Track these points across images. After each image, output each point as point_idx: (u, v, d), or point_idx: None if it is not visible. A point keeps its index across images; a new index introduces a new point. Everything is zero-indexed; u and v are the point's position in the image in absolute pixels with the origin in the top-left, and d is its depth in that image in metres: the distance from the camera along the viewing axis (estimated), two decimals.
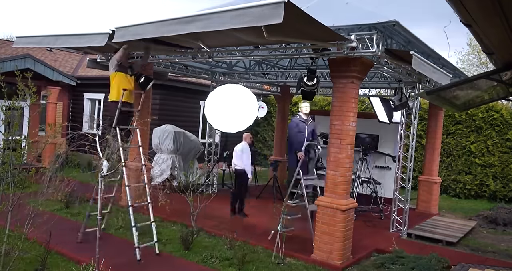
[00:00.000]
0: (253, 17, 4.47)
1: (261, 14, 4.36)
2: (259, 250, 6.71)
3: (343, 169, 6.24)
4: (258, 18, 4.45)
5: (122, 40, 6.08)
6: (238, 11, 4.56)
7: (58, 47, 7.52)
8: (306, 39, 5.82)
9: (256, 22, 4.52)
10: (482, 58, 23.28)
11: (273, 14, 4.22)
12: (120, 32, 5.93)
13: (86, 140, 5.53)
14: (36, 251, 5.53)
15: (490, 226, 9.64)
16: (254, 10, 4.43)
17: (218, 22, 4.79)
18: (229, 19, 4.66)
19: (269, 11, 4.25)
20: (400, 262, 6.27)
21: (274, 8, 4.22)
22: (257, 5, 4.38)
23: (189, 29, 5.10)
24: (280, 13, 4.18)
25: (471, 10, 2.23)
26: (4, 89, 4.33)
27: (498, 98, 6.86)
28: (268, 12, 4.26)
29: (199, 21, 4.91)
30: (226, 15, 4.66)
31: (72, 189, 8.58)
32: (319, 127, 11.43)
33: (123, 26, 5.94)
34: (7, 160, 4.57)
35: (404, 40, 6.86)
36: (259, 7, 4.37)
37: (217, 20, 4.79)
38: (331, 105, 6.43)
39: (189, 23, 5.01)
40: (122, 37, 5.97)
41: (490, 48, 3.22)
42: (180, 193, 6.97)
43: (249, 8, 4.47)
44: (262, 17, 4.38)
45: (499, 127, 12.75)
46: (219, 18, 4.75)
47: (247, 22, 4.60)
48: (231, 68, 10.97)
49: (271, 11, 4.23)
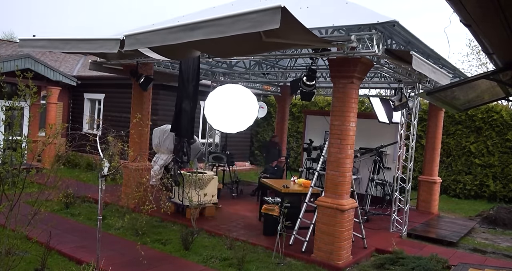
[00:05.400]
0: (252, 23, 4.55)
1: (258, 20, 4.45)
2: (259, 250, 6.71)
3: (343, 169, 6.24)
4: (256, 24, 4.53)
5: (132, 49, 6.09)
6: (237, 17, 4.63)
7: (67, 51, 7.46)
8: (304, 42, 5.84)
9: (254, 28, 4.61)
10: (482, 58, 23.28)
11: (270, 20, 4.32)
12: (129, 41, 5.92)
13: (87, 140, 5.53)
14: (36, 251, 5.54)
15: (490, 226, 9.64)
16: (252, 16, 4.51)
17: (220, 30, 4.89)
18: (230, 25, 4.75)
19: (266, 17, 4.35)
20: (400, 262, 6.27)
21: (271, 14, 4.32)
22: (254, 11, 4.47)
23: (195, 35, 5.17)
24: (277, 19, 4.28)
25: (471, 10, 2.23)
26: (5, 89, 4.33)
27: (498, 99, 6.87)
28: (265, 18, 4.36)
29: (203, 28, 5.00)
30: (228, 22, 4.72)
31: (73, 189, 8.63)
32: (318, 127, 11.47)
33: (132, 34, 5.93)
34: (8, 160, 4.57)
35: (404, 40, 6.87)
36: (256, 13, 4.46)
37: (219, 28, 4.88)
38: (331, 105, 6.43)
39: (194, 30, 5.08)
40: (132, 45, 5.97)
41: (490, 49, 3.23)
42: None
43: (247, 14, 4.54)
44: (259, 22, 4.47)
45: (499, 127, 12.76)
46: (220, 25, 4.83)
47: (246, 28, 4.69)
48: (231, 68, 10.98)
49: (268, 16, 4.33)
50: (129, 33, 5.91)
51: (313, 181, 7.33)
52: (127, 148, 6.45)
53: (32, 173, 4.74)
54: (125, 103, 13.21)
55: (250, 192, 11.12)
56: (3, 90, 4.32)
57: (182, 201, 8.24)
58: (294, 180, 8.65)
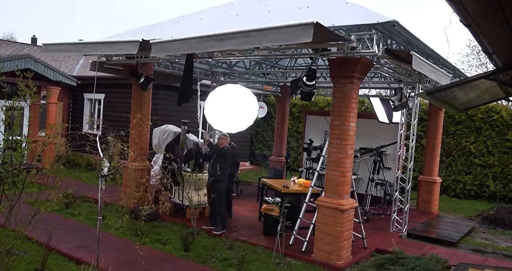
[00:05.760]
0: (285, 36, 4.88)
1: (292, 34, 4.78)
2: (259, 250, 6.71)
3: (343, 169, 6.24)
4: (289, 37, 4.87)
5: (158, 55, 6.21)
6: (269, 30, 4.96)
7: (89, 54, 7.77)
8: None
9: (287, 41, 5.02)
10: (482, 59, 23.26)
11: (304, 34, 4.69)
12: (156, 47, 6.19)
13: (87, 140, 5.53)
14: (36, 251, 5.54)
15: (490, 226, 9.64)
16: (285, 29, 4.84)
17: (252, 41, 5.21)
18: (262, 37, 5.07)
19: (299, 31, 4.72)
20: (400, 262, 6.27)
21: (305, 28, 4.69)
22: (289, 25, 4.80)
23: (225, 45, 5.48)
24: (309, 33, 4.65)
25: (471, 10, 2.23)
26: (5, 89, 4.33)
27: (498, 99, 6.86)
28: (299, 32, 4.72)
29: (234, 39, 5.28)
30: (260, 34, 5.04)
31: (73, 189, 8.63)
32: (318, 127, 11.46)
33: (159, 41, 6.19)
34: (8, 160, 4.57)
35: (404, 40, 6.87)
36: (290, 27, 4.79)
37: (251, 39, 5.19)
38: (331, 105, 6.43)
39: (223, 41, 5.36)
40: (158, 52, 6.26)
41: (489, 49, 3.23)
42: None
43: (282, 28, 4.87)
44: (293, 36, 4.81)
45: (499, 128, 12.75)
46: (252, 37, 5.13)
47: (278, 40, 5.09)
48: (231, 68, 10.97)
49: (302, 31, 4.70)
50: (156, 40, 6.19)
51: (313, 181, 7.33)
52: (127, 148, 6.45)
53: (32, 173, 4.73)
54: (125, 103, 13.20)
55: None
56: (3, 90, 4.32)
57: (182, 201, 8.24)
58: (294, 180, 8.65)
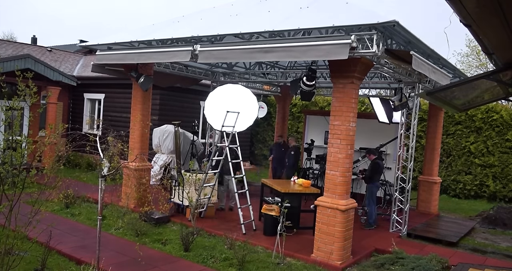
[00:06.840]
0: (323, 52, 5.56)
1: (329, 51, 5.51)
2: (259, 250, 6.71)
3: (343, 169, 6.24)
4: (326, 54, 5.59)
5: (206, 61, 7.14)
6: (310, 47, 5.65)
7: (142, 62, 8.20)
8: None
9: (324, 57, 5.82)
10: (482, 59, 23.25)
11: (341, 52, 5.42)
12: (204, 54, 6.81)
13: (87, 140, 5.53)
14: (36, 251, 5.54)
15: (490, 226, 9.64)
16: (324, 47, 5.54)
17: (292, 55, 5.97)
18: (302, 53, 5.77)
19: (337, 49, 5.45)
20: (400, 262, 6.27)
21: (341, 47, 5.42)
22: (328, 43, 5.54)
23: (268, 57, 6.31)
24: (345, 52, 5.37)
25: (471, 10, 2.23)
26: (5, 89, 4.32)
27: (498, 99, 6.86)
28: (336, 50, 5.45)
29: (277, 52, 6.00)
30: (301, 49, 5.75)
31: (73, 189, 8.63)
32: (318, 127, 11.46)
33: (207, 49, 6.80)
34: (8, 160, 4.57)
35: (404, 40, 6.86)
36: (330, 45, 5.50)
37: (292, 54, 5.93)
38: (331, 105, 6.43)
39: (268, 53, 6.07)
40: (207, 58, 6.91)
41: (489, 49, 3.23)
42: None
43: (320, 45, 5.58)
44: (330, 53, 5.53)
45: (499, 128, 12.75)
46: (294, 51, 5.84)
47: (316, 56, 5.83)
48: (231, 68, 10.97)
49: (339, 49, 5.44)
50: (204, 49, 6.83)
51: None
52: (127, 148, 6.46)
53: (32, 173, 4.72)
54: (125, 103, 13.22)
55: None
56: (3, 90, 4.31)
57: (182, 201, 8.24)
58: (294, 180, 8.64)
